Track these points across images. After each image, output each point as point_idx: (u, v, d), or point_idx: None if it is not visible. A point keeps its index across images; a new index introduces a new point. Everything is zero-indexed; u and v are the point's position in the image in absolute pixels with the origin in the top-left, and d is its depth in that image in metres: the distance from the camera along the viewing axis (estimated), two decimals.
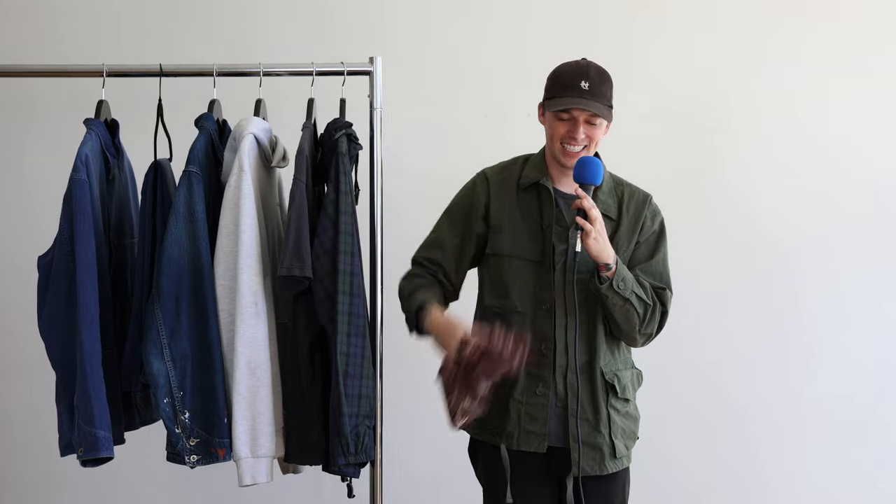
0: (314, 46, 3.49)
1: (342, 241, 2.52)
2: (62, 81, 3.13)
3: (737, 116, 3.61)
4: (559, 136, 2.52)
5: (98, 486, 3.57)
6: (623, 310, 2.50)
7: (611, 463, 2.58)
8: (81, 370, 2.42)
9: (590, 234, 2.41)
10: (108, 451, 2.44)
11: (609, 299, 2.48)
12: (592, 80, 2.50)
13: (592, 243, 2.42)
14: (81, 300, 2.42)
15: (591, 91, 2.48)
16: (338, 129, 2.58)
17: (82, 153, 2.48)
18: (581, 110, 2.49)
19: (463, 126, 3.55)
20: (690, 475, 3.65)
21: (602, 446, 2.56)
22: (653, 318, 2.55)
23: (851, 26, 3.62)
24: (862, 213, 3.62)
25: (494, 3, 3.60)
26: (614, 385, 2.58)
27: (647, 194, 2.66)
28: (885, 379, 3.65)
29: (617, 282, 2.46)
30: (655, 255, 2.61)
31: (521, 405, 2.56)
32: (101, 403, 2.43)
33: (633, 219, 2.60)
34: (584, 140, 2.51)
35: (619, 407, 2.60)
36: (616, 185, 2.64)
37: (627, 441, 2.63)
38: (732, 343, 3.63)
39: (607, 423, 2.57)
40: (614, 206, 2.60)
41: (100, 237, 2.52)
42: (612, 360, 2.60)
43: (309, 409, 2.56)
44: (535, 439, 2.55)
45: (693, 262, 3.60)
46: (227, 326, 2.52)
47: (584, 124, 2.50)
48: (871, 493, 3.65)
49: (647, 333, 2.57)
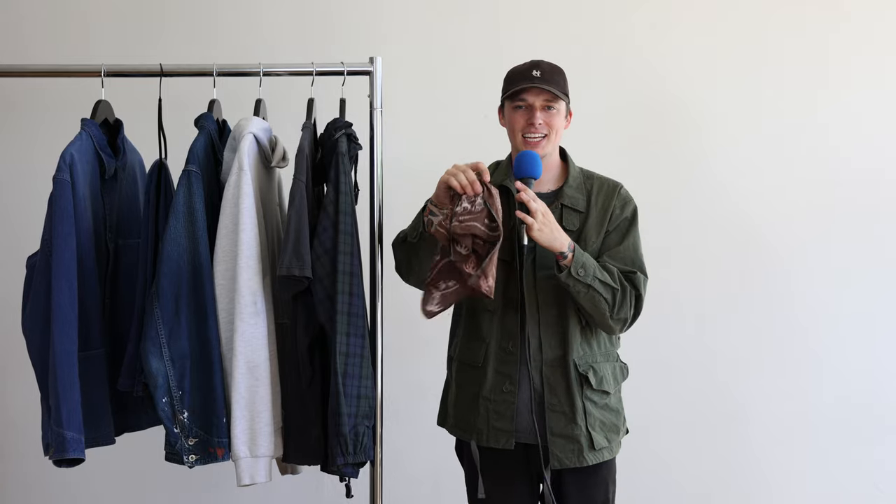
0: (314, 46, 3.50)
1: (342, 241, 2.52)
2: (64, 81, 3.13)
3: (734, 114, 3.61)
4: (519, 127, 2.57)
5: (98, 486, 3.57)
6: (588, 297, 2.51)
7: (590, 455, 2.59)
8: (52, 370, 2.41)
9: (532, 226, 2.43)
10: (76, 452, 2.42)
11: (571, 287, 2.50)
12: (544, 70, 2.57)
13: (538, 234, 2.44)
14: (55, 300, 2.41)
15: (542, 78, 2.55)
16: (338, 129, 2.58)
17: (66, 153, 2.47)
18: (537, 91, 2.54)
19: (463, 126, 3.56)
20: (689, 475, 3.65)
21: (580, 438, 2.58)
22: (624, 302, 2.55)
23: (852, 25, 3.62)
24: (860, 212, 3.62)
25: (494, 3, 3.60)
26: (587, 377, 2.59)
27: (616, 184, 2.69)
28: (885, 378, 3.65)
29: (576, 269, 2.48)
30: (625, 240, 2.63)
31: (489, 402, 2.61)
32: (70, 404, 2.41)
33: (602, 209, 2.63)
34: (543, 128, 2.55)
35: (595, 399, 2.61)
36: (585, 178, 2.68)
37: (609, 433, 2.64)
38: (732, 342, 3.63)
39: (583, 414, 2.58)
40: (582, 200, 2.63)
41: (87, 237, 2.50)
42: (589, 353, 2.62)
43: (308, 409, 2.56)
44: (502, 436, 2.59)
45: (693, 260, 3.60)
46: (226, 326, 2.52)
47: (540, 111, 2.55)
48: (871, 493, 3.65)
49: (622, 318, 2.57)
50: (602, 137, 3.54)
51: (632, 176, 2.78)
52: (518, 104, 2.57)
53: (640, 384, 3.07)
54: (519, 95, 2.56)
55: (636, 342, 2.95)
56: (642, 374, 3.50)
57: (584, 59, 3.55)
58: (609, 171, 2.73)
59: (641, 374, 2.97)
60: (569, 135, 2.67)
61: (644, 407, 3.52)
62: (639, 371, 2.83)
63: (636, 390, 2.93)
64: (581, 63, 3.55)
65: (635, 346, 2.95)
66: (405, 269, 2.66)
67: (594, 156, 2.84)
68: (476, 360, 2.64)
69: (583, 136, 3.48)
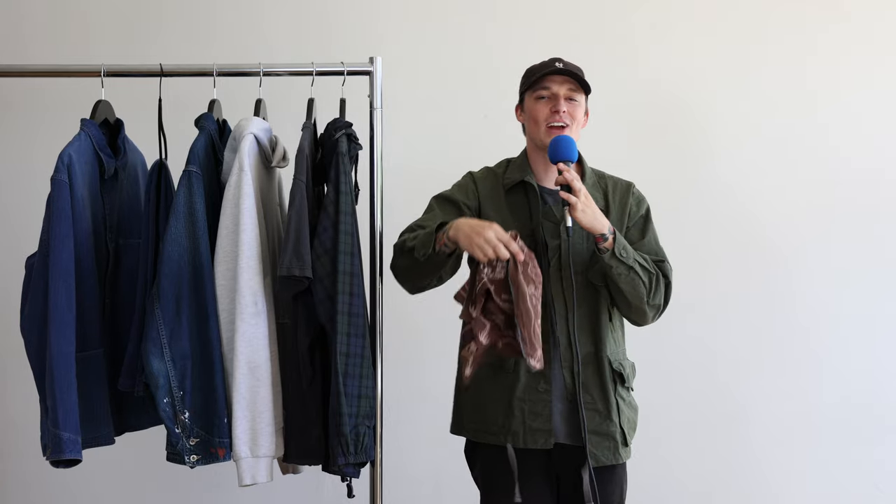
0: (314, 46, 3.49)
1: (342, 241, 2.52)
2: (64, 81, 3.13)
3: (734, 114, 3.61)
4: (543, 117, 2.55)
5: (98, 486, 3.57)
6: (629, 279, 2.49)
7: (623, 451, 2.59)
8: (49, 371, 2.41)
9: (576, 206, 2.41)
10: (72, 453, 2.42)
11: (613, 269, 2.47)
12: (566, 63, 2.58)
13: (581, 215, 2.42)
14: (52, 301, 2.41)
15: (566, 68, 2.56)
16: (338, 129, 2.58)
17: (64, 154, 2.47)
18: (561, 79, 2.54)
19: (463, 126, 3.55)
20: (690, 475, 3.64)
21: (615, 435, 2.57)
22: (658, 287, 2.54)
23: (853, 26, 3.62)
24: (861, 212, 3.62)
25: (494, 3, 3.60)
26: (622, 373, 2.59)
27: (629, 183, 2.69)
28: (885, 379, 3.65)
29: (619, 249, 2.47)
30: (646, 234, 2.63)
31: (524, 403, 2.55)
32: (66, 405, 2.41)
33: (620, 206, 2.63)
34: (566, 116, 2.54)
35: (624, 396, 2.62)
36: (598, 178, 2.68)
37: (630, 431, 2.64)
38: (733, 342, 3.63)
39: (617, 411, 2.58)
40: (600, 198, 2.62)
41: (85, 238, 2.50)
42: (617, 349, 2.62)
43: (309, 409, 2.56)
44: (541, 436, 2.55)
45: (694, 260, 3.60)
46: (226, 326, 2.52)
47: (564, 100, 2.54)
48: (871, 493, 3.65)
49: (656, 305, 2.56)
50: (602, 138, 3.53)
51: (631, 176, 2.77)
52: (541, 94, 2.55)
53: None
54: (542, 83, 2.55)
55: (637, 342, 2.94)
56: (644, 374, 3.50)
57: (585, 59, 3.53)
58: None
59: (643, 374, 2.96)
60: None
61: (645, 407, 3.52)
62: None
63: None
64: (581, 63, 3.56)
65: (636, 346, 2.95)
66: (403, 277, 2.58)
67: (594, 156, 2.84)
68: (506, 363, 2.55)
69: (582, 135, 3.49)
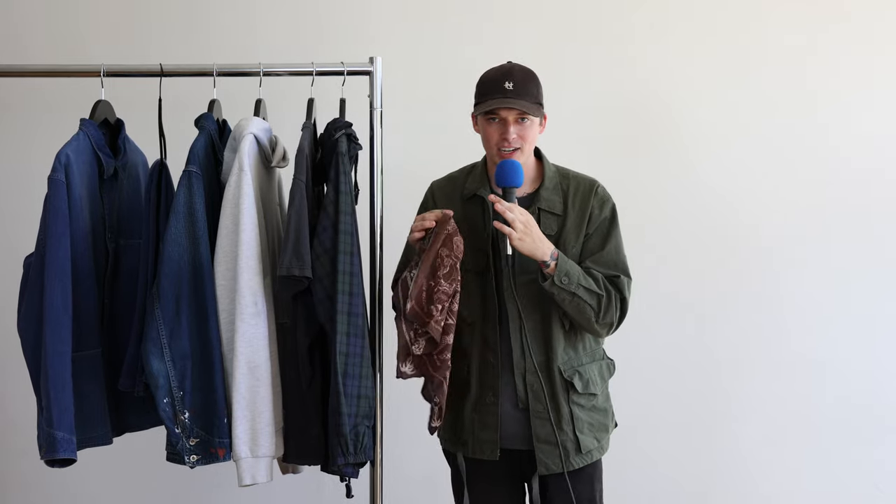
0: (314, 46, 3.49)
1: (342, 241, 2.52)
2: (63, 81, 3.13)
3: (734, 114, 3.61)
4: (494, 141, 2.54)
5: (98, 486, 3.57)
6: (573, 304, 2.50)
7: (577, 458, 2.59)
8: (44, 370, 2.41)
9: (512, 236, 2.42)
10: (66, 452, 2.41)
11: (556, 295, 2.49)
12: (516, 79, 2.52)
13: (519, 244, 2.43)
14: (48, 300, 2.41)
15: (515, 91, 2.50)
16: (338, 129, 2.58)
17: (62, 154, 2.47)
18: (508, 109, 2.50)
19: (462, 126, 3.53)
20: (688, 475, 3.64)
21: (566, 443, 2.58)
22: (609, 307, 2.54)
23: (853, 25, 3.62)
24: (861, 211, 3.63)
25: (493, 3, 3.60)
26: (573, 382, 2.58)
27: (593, 182, 2.64)
28: (885, 379, 3.65)
29: (559, 277, 2.46)
30: (607, 244, 2.60)
31: (475, 413, 2.60)
32: (61, 405, 2.41)
33: (580, 211, 2.60)
34: (517, 141, 2.52)
35: (583, 403, 2.60)
36: (561, 178, 2.64)
37: (598, 434, 2.63)
38: (731, 342, 3.63)
39: (570, 420, 2.58)
40: (559, 202, 2.60)
41: (82, 237, 2.50)
42: (574, 357, 2.61)
43: (308, 409, 2.56)
44: (487, 447, 2.60)
45: (689, 261, 3.60)
46: (226, 326, 2.52)
47: (514, 124, 2.51)
48: (871, 493, 3.65)
49: (607, 323, 2.56)
50: (602, 138, 3.54)
51: (631, 175, 2.78)
52: (491, 118, 2.54)
53: (640, 385, 3.10)
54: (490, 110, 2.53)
55: (638, 342, 2.96)
56: (644, 374, 3.50)
57: (583, 58, 3.55)
58: (608, 171, 2.73)
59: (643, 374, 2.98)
60: (566, 134, 2.67)
61: (644, 408, 3.52)
62: (640, 372, 2.83)
63: (635, 391, 2.93)
64: (580, 63, 3.56)
65: (637, 346, 2.96)
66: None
67: (594, 155, 2.84)
68: (461, 373, 2.60)
69: (582, 135, 3.49)
